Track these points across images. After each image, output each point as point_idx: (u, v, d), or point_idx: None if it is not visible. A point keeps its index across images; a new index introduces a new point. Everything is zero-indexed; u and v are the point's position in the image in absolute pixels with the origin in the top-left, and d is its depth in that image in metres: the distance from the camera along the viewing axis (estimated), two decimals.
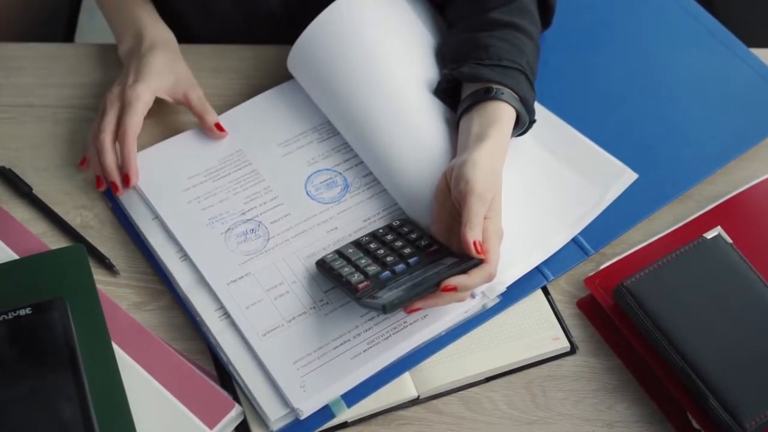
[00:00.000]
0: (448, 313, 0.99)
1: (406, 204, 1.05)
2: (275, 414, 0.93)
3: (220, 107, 1.14)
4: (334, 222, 1.05)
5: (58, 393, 0.90)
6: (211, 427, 0.92)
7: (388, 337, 0.97)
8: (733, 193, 1.10)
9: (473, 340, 0.99)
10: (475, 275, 0.92)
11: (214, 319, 0.99)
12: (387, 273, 0.95)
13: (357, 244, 1.00)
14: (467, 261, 0.93)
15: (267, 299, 0.99)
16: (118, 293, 1.02)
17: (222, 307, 0.99)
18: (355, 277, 0.95)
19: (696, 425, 0.95)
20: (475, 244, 0.92)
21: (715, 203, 1.09)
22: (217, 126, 1.10)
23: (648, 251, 1.05)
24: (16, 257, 1.01)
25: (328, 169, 1.09)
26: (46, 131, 1.13)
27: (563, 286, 1.05)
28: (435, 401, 0.98)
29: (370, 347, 0.97)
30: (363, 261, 0.97)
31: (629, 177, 1.09)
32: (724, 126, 1.15)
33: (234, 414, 0.94)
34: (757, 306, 0.99)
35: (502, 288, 1.00)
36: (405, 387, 0.96)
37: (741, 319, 0.98)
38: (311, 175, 1.09)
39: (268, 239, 1.03)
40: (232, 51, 1.21)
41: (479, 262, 0.93)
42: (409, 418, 0.97)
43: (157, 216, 1.05)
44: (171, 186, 1.07)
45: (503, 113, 1.02)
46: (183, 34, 1.20)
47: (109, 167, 1.05)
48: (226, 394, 0.95)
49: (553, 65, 1.17)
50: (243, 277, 1.01)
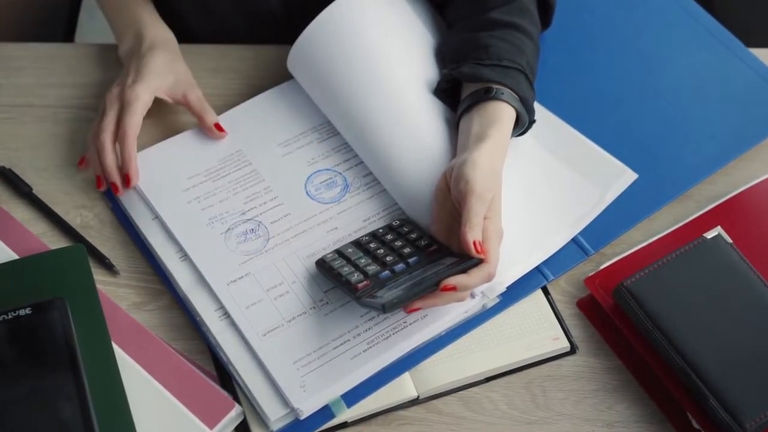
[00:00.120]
0: (447, 313, 0.99)
1: (406, 204, 1.05)
2: (275, 414, 0.93)
3: (220, 107, 1.13)
4: (334, 222, 1.05)
5: (58, 393, 0.90)
6: (211, 427, 0.92)
7: (388, 337, 0.97)
8: (733, 193, 1.10)
9: (473, 340, 0.99)
10: (474, 275, 0.92)
11: (214, 319, 0.99)
12: (386, 272, 0.95)
13: (357, 243, 1.00)
14: (467, 261, 0.93)
15: (267, 299, 0.99)
16: (118, 293, 1.02)
17: (222, 307, 0.99)
18: (355, 276, 0.95)
19: (696, 425, 0.95)
20: (474, 243, 0.92)
21: (715, 203, 1.09)
22: (217, 126, 1.10)
23: (648, 251, 1.05)
24: (16, 257, 1.01)
25: (328, 169, 1.09)
26: (46, 131, 1.13)
27: (563, 286, 1.05)
28: (435, 401, 0.98)
29: (370, 347, 0.97)
30: (363, 260, 0.97)
31: (629, 177, 1.09)
32: (724, 126, 1.15)
33: (234, 414, 0.94)
34: (757, 306, 0.99)
35: (502, 288, 1.00)
36: (405, 387, 0.96)
37: (741, 319, 0.98)
38: (311, 175, 1.09)
39: (268, 239, 1.03)
40: (232, 51, 1.21)
41: (479, 262, 0.93)
42: (409, 418, 0.97)
43: (157, 216, 1.05)
44: (171, 186, 1.07)
45: (503, 113, 1.02)
46: (183, 34, 1.20)
47: (109, 167, 1.05)
48: (226, 394, 0.95)
49: (553, 65, 1.17)
50: (243, 277, 1.01)
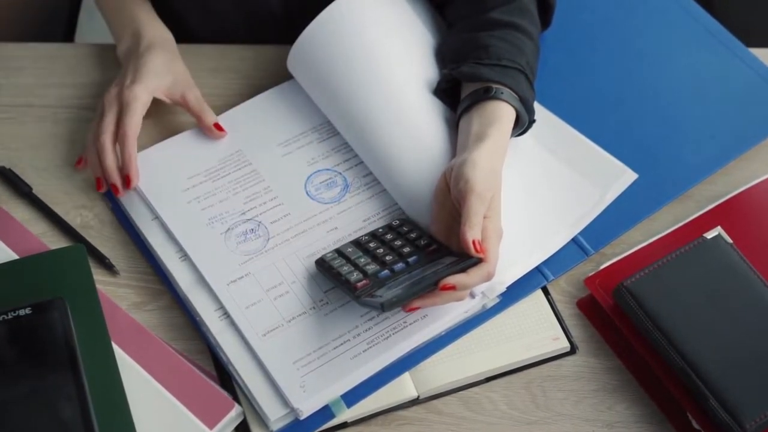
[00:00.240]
0: (447, 313, 0.99)
1: (405, 204, 1.05)
2: (275, 414, 0.93)
3: (220, 107, 1.13)
4: (334, 222, 1.05)
5: (58, 393, 0.90)
6: (210, 427, 0.92)
7: (388, 337, 0.97)
8: (733, 193, 1.10)
9: (473, 340, 0.99)
10: (474, 274, 0.92)
11: (214, 319, 0.99)
12: (386, 272, 0.95)
13: (356, 243, 1.00)
14: (466, 260, 0.92)
15: (267, 299, 0.99)
16: (118, 293, 1.02)
17: (222, 307, 0.99)
18: (354, 275, 0.95)
19: (696, 425, 0.95)
20: (474, 243, 0.92)
21: (715, 203, 1.09)
22: (216, 126, 1.10)
23: (648, 251, 1.05)
24: (16, 257, 1.01)
25: (328, 169, 1.09)
26: (46, 131, 1.13)
27: (563, 286, 1.05)
28: (435, 401, 0.97)
29: (370, 347, 0.97)
30: (362, 260, 0.97)
31: (629, 177, 1.09)
32: (724, 126, 1.15)
33: (234, 414, 0.94)
34: (757, 306, 0.99)
35: (502, 288, 1.00)
36: (405, 387, 0.96)
37: (741, 319, 0.98)
38: (311, 175, 1.09)
39: (268, 239, 1.03)
40: (232, 51, 1.21)
41: (478, 261, 0.93)
42: (408, 419, 0.96)
43: (157, 216, 1.05)
44: (171, 186, 1.07)
45: (503, 113, 1.02)
46: (183, 34, 1.20)
47: (110, 169, 1.05)
48: (225, 394, 0.95)
49: (553, 65, 1.17)
50: (243, 277, 1.01)
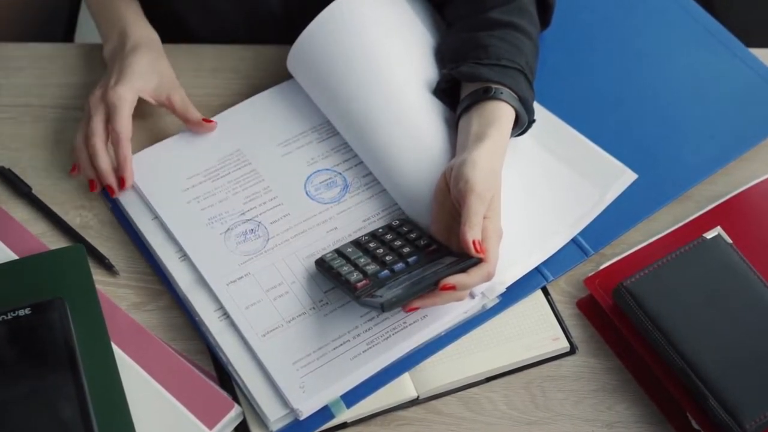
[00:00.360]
0: (447, 314, 0.99)
1: (405, 204, 1.05)
2: (275, 414, 0.93)
3: (220, 107, 1.13)
4: (334, 222, 1.05)
5: (57, 393, 0.90)
6: (210, 427, 0.92)
7: (388, 337, 0.97)
8: (733, 193, 1.10)
9: (473, 341, 0.99)
10: (474, 274, 0.92)
11: (214, 319, 0.99)
12: (386, 272, 0.95)
13: (356, 243, 1.00)
14: (466, 260, 0.92)
15: (266, 299, 0.99)
16: (118, 293, 1.02)
17: (221, 307, 0.99)
18: (354, 275, 0.95)
19: (696, 425, 0.95)
20: (474, 243, 0.92)
21: (715, 203, 1.09)
22: (205, 119, 1.09)
23: (648, 251, 1.05)
24: (16, 257, 1.01)
25: (327, 169, 1.09)
26: (46, 131, 1.13)
27: (563, 287, 1.05)
28: (434, 402, 0.97)
29: (370, 348, 0.96)
30: (362, 260, 0.97)
31: (629, 177, 1.09)
32: (724, 126, 1.15)
33: (233, 414, 0.94)
34: (757, 306, 0.99)
35: (502, 288, 1.00)
36: (404, 387, 0.96)
37: (741, 319, 0.98)
38: (311, 175, 1.08)
39: (268, 239, 1.03)
40: (232, 51, 1.21)
41: (478, 262, 0.93)
42: (408, 419, 0.96)
43: (156, 216, 1.05)
44: (170, 186, 1.07)
45: (502, 113, 1.02)
46: (183, 34, 1.20)
47: (104, 170, 1.04)
48: (225, 394, 0.95)
49: (552, 65, 1.17)
50: (242, 277, 1.01)
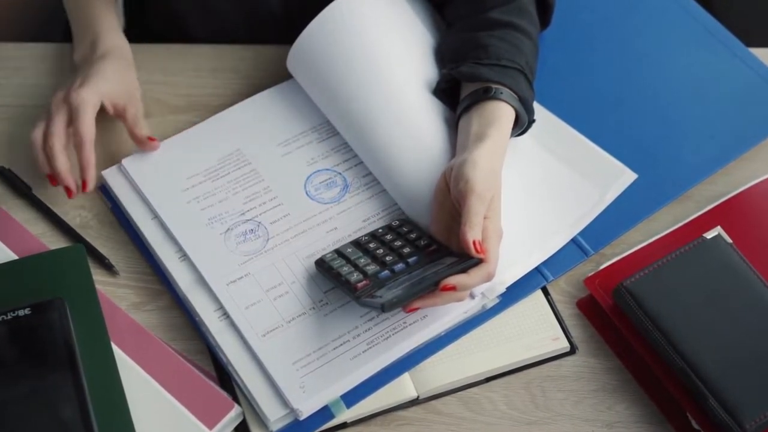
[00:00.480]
0: (447, 314, 0.98)
1: (405, 204, 1.05)
2: (275, 414, 0.93)
3: (220, 107, 1.13)
4: (334, 222, 1.05)
5: (57, 393, 0.90)
6: (210, 427, 0.92)
7: (388, 337, 0.97)
8: (733, 193, 1.10)
9: (473, 341, 0.99)
10: (474, 274, 0.92)
11: (214, 319, 0.99)
12: (386, 272, 0.95)
13: (356, 243, 1.00)
14: (466, 260, 0.92)
15: (266, 299, 0.99)
16: (118, 293, 1.02)
17: (221, 307, 0.99)
18: (354, 276, 0.95)
19: (696, 425, 0.95)
20: (474, 243, 0.92)
21: (715, 203, 1.09)
22: (150, 138, 1.07)
23: (648, 251, 1.05)
24: (16, 257, 1.01)
25: (327, 169, 1.09)
26: None
27: (563, 287, 1.05)
28: (434, 401, 0.97)
29: (370, 348, 0.96)
30: (362, 260, 0.97)
31: (629, 177, 1.09)
32: (724, 126, 1.15)
33: (233, 414, 0.94)
34: (757, 306, 0.99)
35: (502, 288, 1.00)
36: (404, 387, 0.96)
37: (741, 319, 0.98)
38: (311, 175, 1.08)
39: (268, 239, 1.03)
40: (232, 51, 1.21)
41: (478, 262, 0.93)
42: (408, 419, 0.96)
43: (156, 216, 1.05)
44: (170, 186, 1.07)
45: (502, 113, 1.02)
46: (183, 34, 1.20)
47: (63, 172, 1.03)
48: (225, 394, 0.95)
49: (552, 65, 1.17)
50: (242, 277, 1.01)
